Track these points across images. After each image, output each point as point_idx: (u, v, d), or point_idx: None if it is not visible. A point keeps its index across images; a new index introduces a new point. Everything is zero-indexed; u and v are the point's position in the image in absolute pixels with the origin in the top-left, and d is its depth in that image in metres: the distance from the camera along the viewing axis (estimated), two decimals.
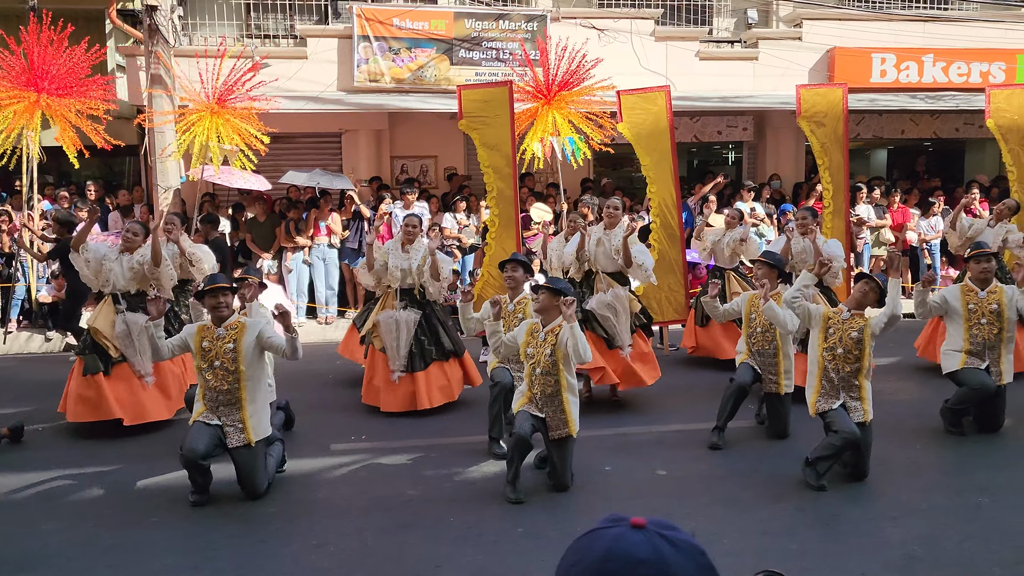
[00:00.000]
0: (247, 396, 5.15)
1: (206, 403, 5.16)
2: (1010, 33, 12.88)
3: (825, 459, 5.17)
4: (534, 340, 5.19)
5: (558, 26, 12.17)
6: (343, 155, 12.97)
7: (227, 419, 5.13)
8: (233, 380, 5.10)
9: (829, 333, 5.40)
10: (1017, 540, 4.45)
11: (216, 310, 5.19)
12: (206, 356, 5.13)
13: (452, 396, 7.07)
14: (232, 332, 5.18)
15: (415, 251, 7.01)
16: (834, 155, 9.32)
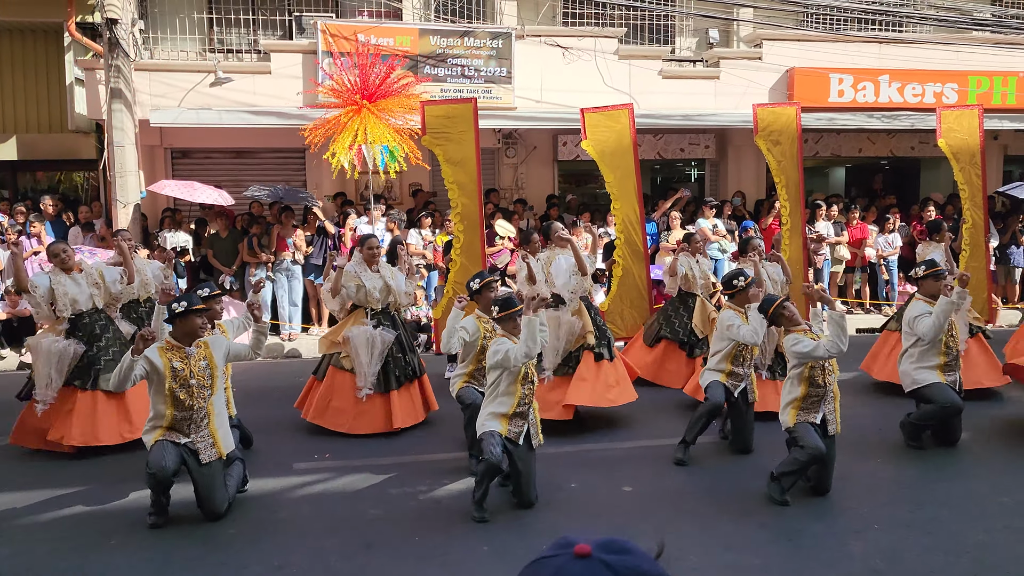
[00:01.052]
0: (214, 410, 5.14)
1: (170, 424, 5.01)
2: (962, 56, 13.24)
3: (790, 474, 5.23)
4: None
5: (523, 44, 12.26)
6: (307, 171, 12.88)
7: (197, 436, 5.04)
8: (208, 396, 5.08)
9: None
10: (975, 552, 4.52)
11: (198, 332, 5.12)
12: (178, 376, 5.00)
13: (420, 417, 6.99)
14: (202, 350, 5.14)
15: (384, 268, 6.99)
16: (790, 173, 9.48)
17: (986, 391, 7.70)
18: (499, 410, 5.16)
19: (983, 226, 9.88)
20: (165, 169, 12.41)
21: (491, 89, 12.12)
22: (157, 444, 4.99)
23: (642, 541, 4.31)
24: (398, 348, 6.89)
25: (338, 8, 13.12)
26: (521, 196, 13.29)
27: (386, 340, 6.78)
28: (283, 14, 12.97)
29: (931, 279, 6.56)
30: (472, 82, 12.04)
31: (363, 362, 6.69)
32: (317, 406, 6.87)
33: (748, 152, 13.76)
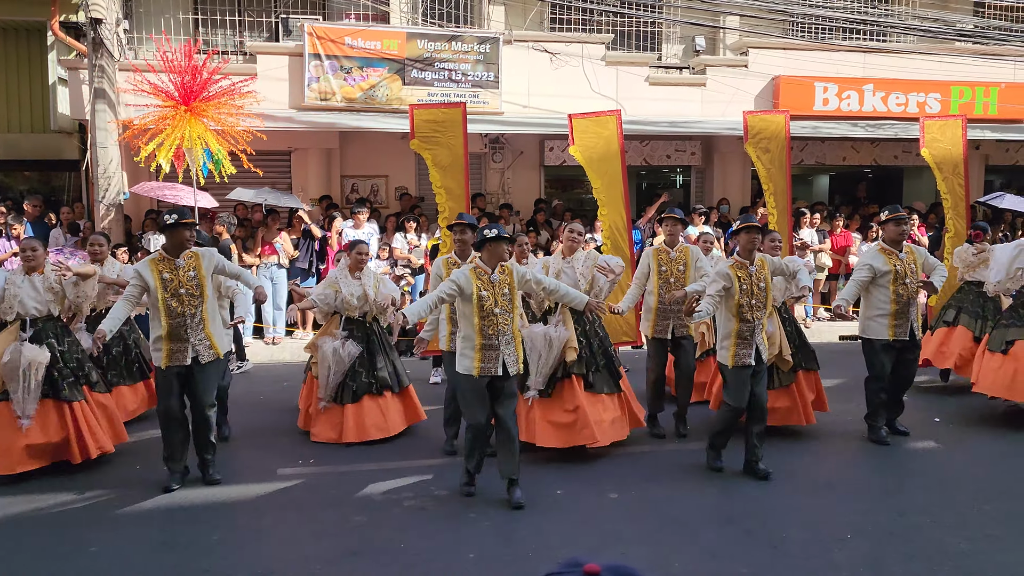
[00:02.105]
0: (208, 316, 5.68)
1: (171, 333, 5.52)
2: (945, 66, 13.39)
3: (720, 434, 5.95)
4: (485, 283, 5.26)
5: (510, 48, 12.27)
6: (292, 173, 12.84)
7: (195, 339, 5.61)
8: (199, 303, 5.62)
9: (742, 288, 5.74)
10: (957, 560, 4.56)
11: (186, 243, 5.66)
12: (169, 286, 5.53)
13: (387, 432, 6.71)
14: (191, 261, 5.64)
15: (366, 276, 6.86)
16: (778, 180, 9.54)
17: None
18: (467, 346, 5.30)
19: (966, 235, 9.97)
20: (148, 170, 12.29)
21: (478, 94, 12.13)
22: (160, 380, 5.65)
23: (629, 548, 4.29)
24: (362, 362, 6.74)
25: (325, 11, 13.09)
26: (507, 201, 13.30)
27: (350, 354, 6.68)
28: (270, 16, 12.92)
29: (892, 224, 6.75)
30: (459, 86, 12.05)
31: (322, 373, 6.69)
32: (303, 411, 7.04)
33: (733, 159, 13.84)
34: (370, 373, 6.74)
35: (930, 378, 9.12)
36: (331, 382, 6.67)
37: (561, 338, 6.12)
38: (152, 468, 6.02)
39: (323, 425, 6.75)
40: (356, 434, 6.60)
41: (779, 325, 6.43)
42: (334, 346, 6.67)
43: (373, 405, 6.71)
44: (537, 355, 6.09)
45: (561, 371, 6.18)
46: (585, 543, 4.80)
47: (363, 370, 6.73)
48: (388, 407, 6.78)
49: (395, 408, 6.86)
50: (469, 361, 5.28)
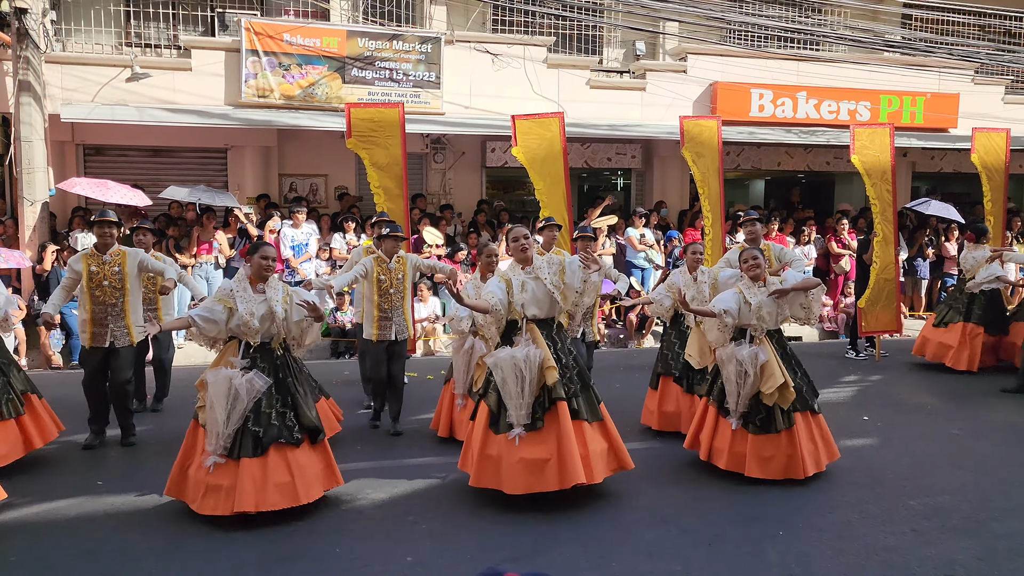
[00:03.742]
0: (129, 308, 6.48)
1: (95, 320, 6.36)
2: (875, 75, 13.82)
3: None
4: (383, 269, 6.83)
5: (452, 49, 12.23)
6: (229, 171, 12.56)
7: (115, 326, 6.42)
8: (119, 295, 6.40)
9: None
10: (884, 554, 4.69)
11: (103, 238, 6.40)
12: (94, 278, 6.34)
13: (295, 498, 5.04)
14: (116, 258, 6.44)
15: (272, 290, 5.26)
16: (712, 185, 9.72)
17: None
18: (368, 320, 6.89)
19: (893, 240, 10.32)
20: (77, 166, 11.91)
21: (419, 93, 12.07)
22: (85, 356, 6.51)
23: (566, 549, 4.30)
24: (270, 402, 5.13)
25: (263, 6, 12.85)
26: (448, 201, 13.25)
27: (253, 390, 5.05)
28: (205, 10, 12.63)
29: (748, 225, 7.37)
30: (400, 86, 11.96)
31: (216, 418, 5.02)
32: (173, 472, 5.28)
33: (673, 163, 14.04)
34: (281, 416, 5.14)
35: (858, 377, 9.40)
36: (225, 430, 5.00)
37: (533, 359, 5.22)
38: (76, 474, 5.81)
39: (211, 495, 5.01)
40: (254, 499, 4.93)
41: (773, 352, 5.76)
42: (229, 377, 5.03)
43: (280, 460, 5.07)
44: (512, 384, 5.19)
45: (547, 398, 5.25)
46: (522, 545, 4.80)
47: (271, 411, 5.11)
48: (302, 464, 5.14)
49: (315, 463, 5.26)
50: (371, 329, 6.85)
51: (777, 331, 5.93)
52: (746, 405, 5.73)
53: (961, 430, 7.30)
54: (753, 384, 5.67)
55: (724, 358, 5.83)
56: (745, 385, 5.68)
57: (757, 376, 5.66)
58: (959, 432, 7.24)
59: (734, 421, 5.77)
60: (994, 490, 5.75)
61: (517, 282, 5.38)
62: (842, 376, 9.51)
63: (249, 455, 4.99)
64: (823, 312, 12.72)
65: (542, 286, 5.36)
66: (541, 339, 5.33)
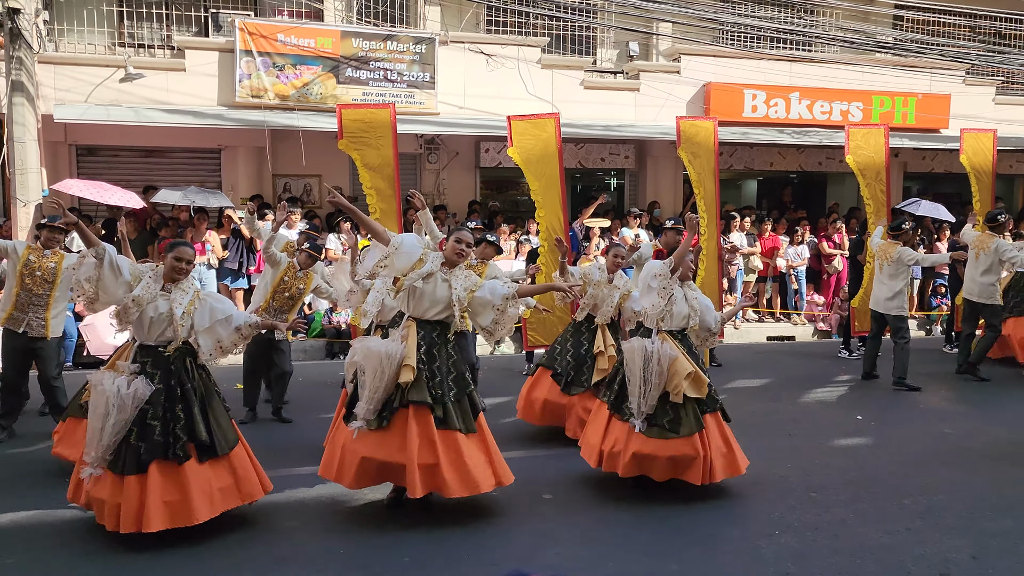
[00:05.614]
0: (53, 303, 6.76)
1: (17, 304, 6.64)
2: (867, 76, 13.89)
3: None
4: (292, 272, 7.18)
5: (446, 49, 12.25)
6: (222, 172, 12.55)
7: (33, 315, 6.69)
8: (47, 288, 6.71)
9: None
10: (878, 553, 4.72)
11: (49, 241, 6.74)
12: (29, 265, 6.67)
13: (187, 518, 4.65)
14: (55, 256, 6.79)
15: (180, 292, 4.85)
16: (707, 185, 9.75)
17: None
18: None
19: None
20: (70, 167, 11.88)
21: (414, 94, 12.07)
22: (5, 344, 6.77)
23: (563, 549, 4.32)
24: (156, 412, 4.69)
25: (257, 6, 12.83)
26: (442, 202, 13.26)
27: (138, 397, 4.63)
28: (199, 10, 12.60)
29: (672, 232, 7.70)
30: (395, 86, 11.97)
31: (94, 425, 4.65)
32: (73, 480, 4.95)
33: (666, 163, 14.08)
34: (168, 430, 4.71)
35: (851, 377, 9.45)
36: (106, 438, 4.60)
37: (393, 355, 4.91)
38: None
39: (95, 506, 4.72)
40: (134, 519, 4.55)
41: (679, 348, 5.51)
42: (116, 385, 4.63)
43: (165, 477, 4.65)
44: (371, 375, 4.89)
45: (398, 398, 4.93)
46: (519, 545, 4.81)
47: (157, 423, 4.68)
48: (190, 480, 4.69)
49: (210, 481, 4.79)
50: None
51: (681, 332, 5.64)
52: (652, 407, 5.37)
53: (954, 429, 7.35)
54: (660, 383, 5.35)
55: (633, 350, 5.45)
56: (651, 383, 5.34)
57: (665, 372, 5.35)
58: (952, 431, 7.29)
59: (638, 423, 5.38)
60: (987, 489, 5.80)
61: (426, 268, 5.02)
62: (835, 376, 9.56)
63: (132, 471, 4.60)
64: (816, 311, 12.78)
65: (446, 290, 5.03)
66: (414, 337, 5.02)
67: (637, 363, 5.40)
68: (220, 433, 4.88)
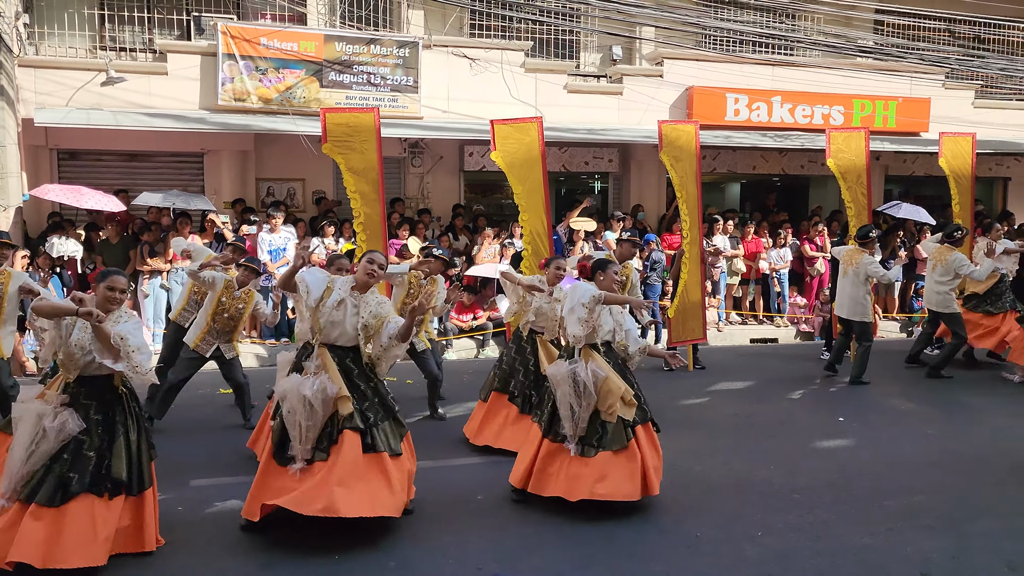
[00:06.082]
0: (1, 324, 6.67)
1: None
2: (848, 80, 14.01)
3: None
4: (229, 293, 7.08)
5: (430, 53, 12.25)
6: (205, 176, 12.48)
7: None
8: None
9: None
10: (859, 554, 4.77)
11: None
12: None
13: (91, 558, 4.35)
14: (2, 277, 6.68)
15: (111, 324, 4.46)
16: (690, 188, 9.81)
17: None
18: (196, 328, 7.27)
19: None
20: (51, 171, 11.78)
21: (397, 98, 12.07)
22: None
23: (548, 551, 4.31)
24: (78, 445, 4.45)
25: (240, 10, 12.78)
26: (427, 206, 13.25)
27: (64, 432, 4.41)
28: (180, 13, 12.54)
29: (628, 244, 8.25)
30: (378, 90, 11.96)
31: (15, 456, 4.42)
32: None
33: (650, 167, 14.14)
34: (100, 463, 4.50)
35: (835, 378, 9.51)
36: (25, 468, 4.37)
37: (324, 390, 4.80)
38: None
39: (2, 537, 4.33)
40: (43, 555, 4.25)
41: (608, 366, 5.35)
42: (40, 416, 4.42)
43: (84, 512, 4.39)
44: (300, 417, 4.77)
45: (335, 429, 4.84)
46: (504, 549, 4.82)
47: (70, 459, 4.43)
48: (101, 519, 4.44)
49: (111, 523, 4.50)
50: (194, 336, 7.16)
51: (606, 343, 5.48)
52: (584, 429, 5.24)
53: (935, 431, 7.42)
54: (589, 405, 5.22)
55: (558, 379, 5.30)
56: (586, 406, 5.22)
57: (594, 395, 5.21)
58: (933, 433, 7.36)
59: (572, 447, 5.26)
60: (968, 490, 5.86)
61: (336, 296, 4.96)
62: (818, 377, 9.63)
63: (49, 502, 4.32)
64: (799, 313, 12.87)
65: (355, 318, 4.95)
66: (332, 366, 4.91)
67: (564, 389, 5.26)
68: (145, 472, 4.70)
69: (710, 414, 8.02)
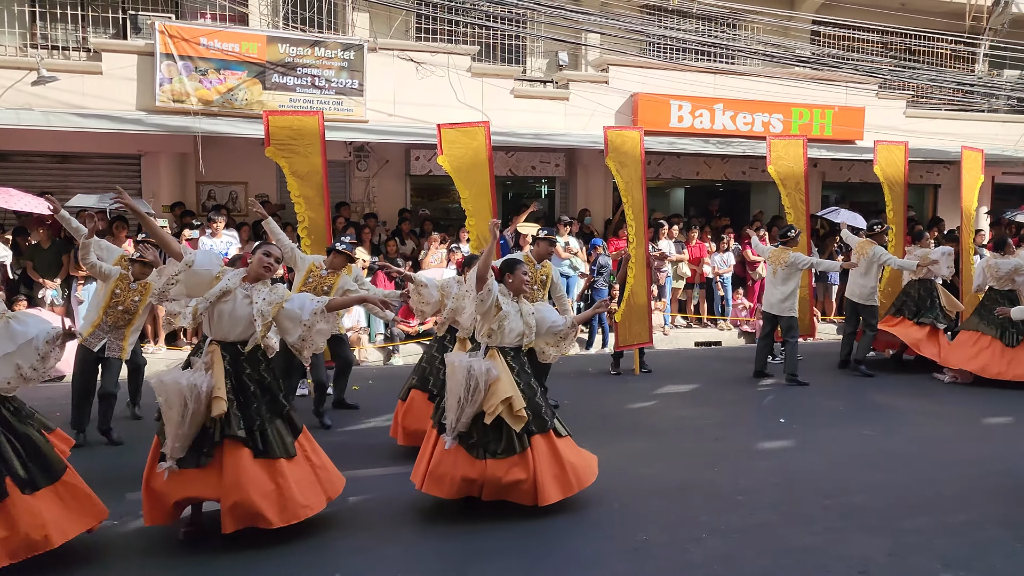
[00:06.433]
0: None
1: None
2: (787, 89, 14.34)
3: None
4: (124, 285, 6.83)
5: (375, 56, 12.15)
6: (143, 178, 12.16)
7: None
8: None
9: None
10: (802, 555, 4.85)
11: None
12: None
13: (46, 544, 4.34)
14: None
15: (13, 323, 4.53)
16: (635, 194, 9.91)
17: None
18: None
19: (807, 247, 10.71)
20: None
21: (342, 101, 11.94)
22: None
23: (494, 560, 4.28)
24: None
25: (178, 9, 12.50)
26: (372, 210, 13.13)
27: None
28: (116, 11, 12.20)
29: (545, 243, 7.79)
30: (323, 93, 11.81)
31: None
32: None
33: (596, 171, 14.25)
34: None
35: (775, 380, 9.71)
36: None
37: (198, 388, 4.61)
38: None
39: None
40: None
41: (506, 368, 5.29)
42: None
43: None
44: (175, 412, 4.58)
45: (218, 432, 4.67)
46: (451, 558, 4.78)
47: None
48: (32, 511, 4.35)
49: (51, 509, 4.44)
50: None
51: (515, 349, 5.42)
52: (466, 425, 5.16)
53: (872, 431, 7.62)
54: (476, 401, 5.13)
55: (453, 367, 5.22)
56: (472, 401, 5.13)
57: (483, 392, 5.13)
58: (870, 433, 7.55)
59: (449, 439, 5.17)
60: (903, 488, 6.02)
61: (224, 284, 4.81)
62: (761, 380, 9.81)
63: None
64: (742, 315, 13.10)
65: (247, 307, 4.79)
66: (219, 364, 4.73)
67: (457, 379, 5.16)
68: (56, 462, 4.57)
69: (656, 418, 8.10)
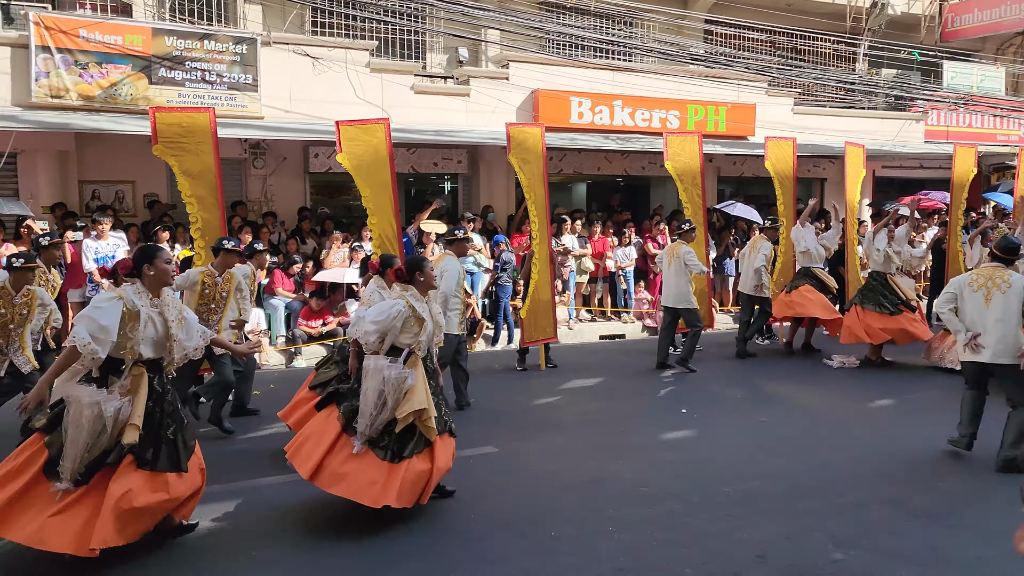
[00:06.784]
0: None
1: None
2: (683, 86, 14.71)
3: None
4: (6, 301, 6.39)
5: (269, 51, 11.79)
6: (19, 178, 11.43)
7: None
8: None
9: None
10: (704, 541, 4.98)
11: None
12: None
13: None
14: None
15: None
16: (538, 190, 9.97)
17: None
18: None
19: (704, 240, 11.02)
20: None
21: (235, 96, 11.54)
22: None
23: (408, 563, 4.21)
24: None
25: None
26: (271, 209, 12.76)
27: None
28: None
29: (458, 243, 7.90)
30: (214, 88, 11.39)
31: None
32: None
33: (498, 168, 14.27)
34: None
35: (678, 371, 9.96)
36: None
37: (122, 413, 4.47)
38: None
39: None
40: None
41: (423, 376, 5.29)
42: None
43: None
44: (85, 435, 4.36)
45: (114, 456, 4.45)
46: (364, 563, 4.69)
47: None
48: None
49: None
50: None
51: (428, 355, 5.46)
52: (377, 430, 5.12)
53: (768, 417, 7.91)
54: (392, 407, 5.11)
55: (371, 370, 5.17)
56: (385, 408, 5.10)
57: (400, 399, 5.13)
58: (766, 420, 7.84)
59: (358, 443, 5.10)
60: (798, 472, 6.27)
61: (144, 315, 4.54)
62: (662, 372, 10.04)
63: None
64: (644, 308, 13.39)
65: (163, 324, 4.65)
66: (143, 390, 4.56)
67: (372, 384, 5.11)
68: None
69: (562, 413, 8.18)
